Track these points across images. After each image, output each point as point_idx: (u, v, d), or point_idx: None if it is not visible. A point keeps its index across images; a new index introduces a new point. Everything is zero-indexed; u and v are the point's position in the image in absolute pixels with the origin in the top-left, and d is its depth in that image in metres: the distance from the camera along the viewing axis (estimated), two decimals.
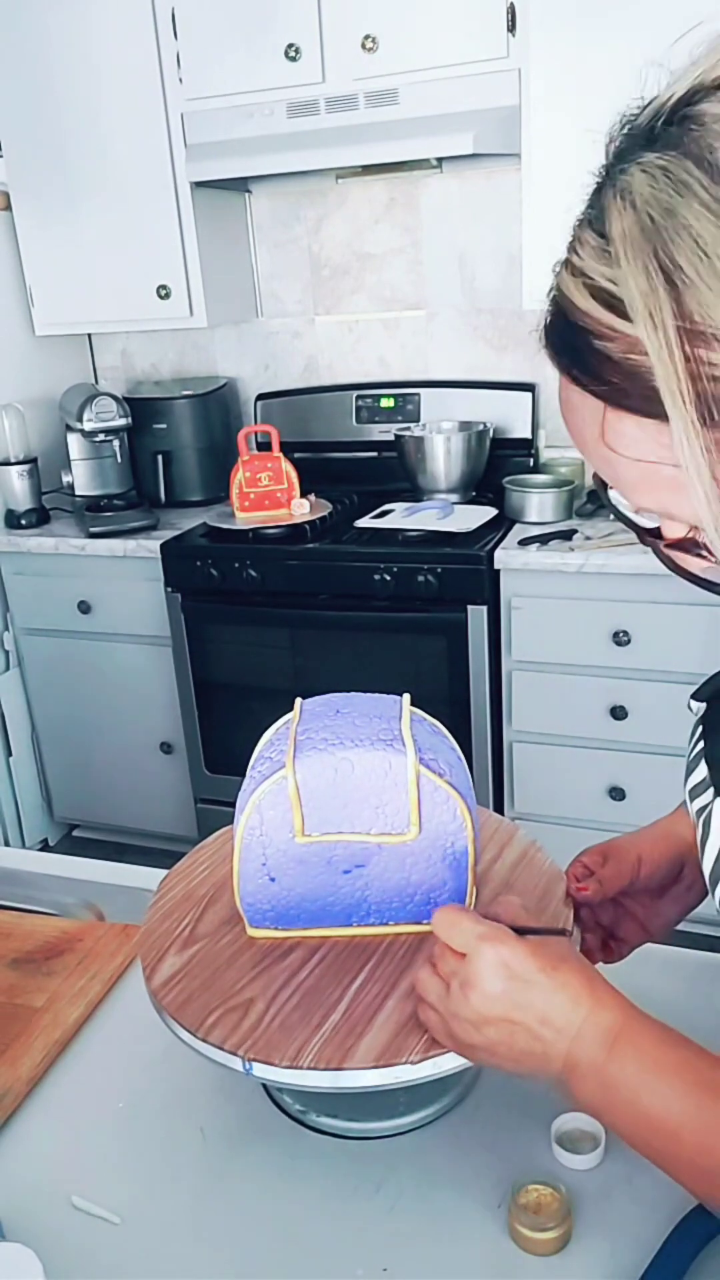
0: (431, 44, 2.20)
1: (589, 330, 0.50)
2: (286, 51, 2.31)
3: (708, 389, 0.45)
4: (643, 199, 0.47)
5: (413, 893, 0.78)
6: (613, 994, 0.64)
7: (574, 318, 0.51)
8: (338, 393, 2.86)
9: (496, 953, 0.64)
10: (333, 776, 0.74)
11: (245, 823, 0.75)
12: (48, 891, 1.12)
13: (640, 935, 0.85)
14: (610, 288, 0.48)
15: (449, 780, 0.75)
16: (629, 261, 0.47)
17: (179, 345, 3.09)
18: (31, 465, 2.76)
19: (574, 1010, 0.63)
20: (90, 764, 2.89)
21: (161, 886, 0.87)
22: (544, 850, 0.89)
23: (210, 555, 2.48)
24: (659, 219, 0.46)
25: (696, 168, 0.46)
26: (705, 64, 0.49)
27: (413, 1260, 0.68)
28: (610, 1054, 0.61)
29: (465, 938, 0.66)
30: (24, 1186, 0.76)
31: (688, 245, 0.45)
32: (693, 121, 0.48)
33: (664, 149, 0.48)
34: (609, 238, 0.49)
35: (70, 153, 2.60)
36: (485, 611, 2.29)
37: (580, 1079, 0.62)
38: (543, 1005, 0.63)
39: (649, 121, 0.50)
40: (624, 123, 0.52)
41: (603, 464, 0.54)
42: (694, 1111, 0.58)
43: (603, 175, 0.52)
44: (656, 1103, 0.60)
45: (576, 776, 2.37)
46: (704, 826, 0.68)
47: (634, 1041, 0.62)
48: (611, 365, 0.49)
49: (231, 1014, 0.72)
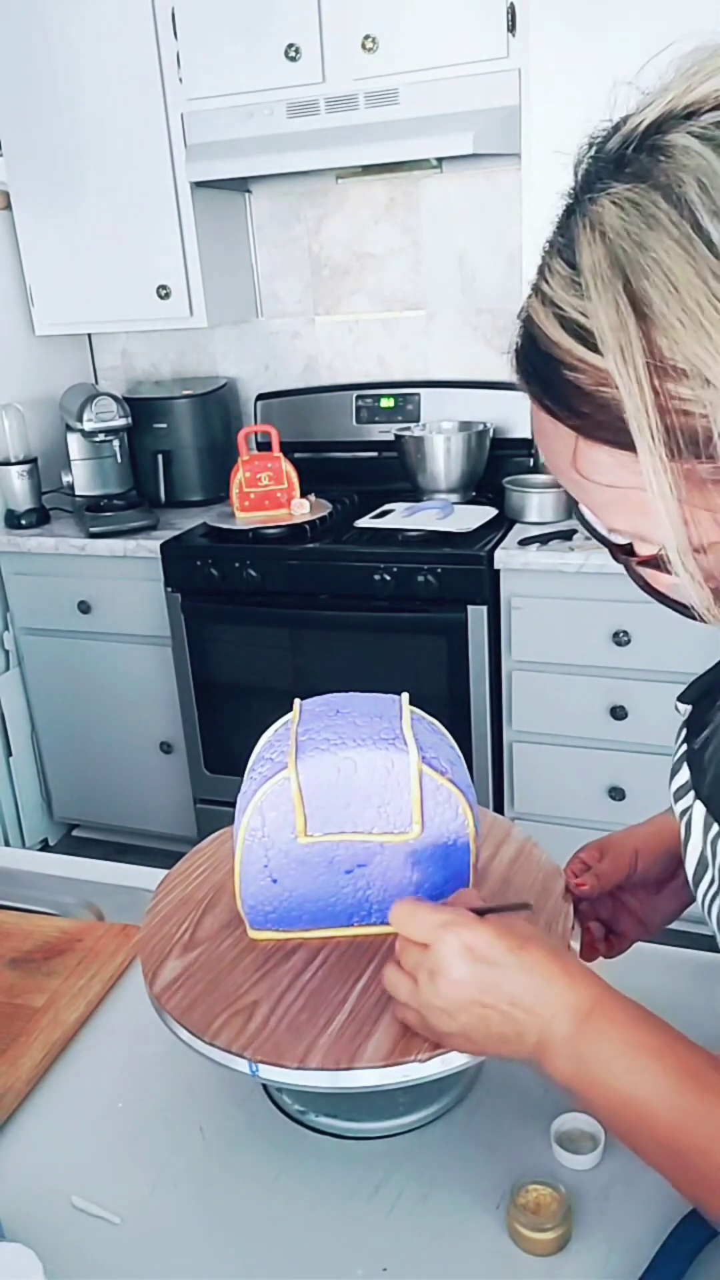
0: (431, 44, 2.20)
1: (560, 361, 0.51)
2: (286, 51, 2.31)
3: (676, 422, 0.46)
4: (613, 232, 0.47)
5: (414, 891, 0.78)
6: (584, 971, 0.64)
7: (545, 347, 0.51)
8: (338, 393, 2.86)
9: (459, 937, 0.64)
10: (335, 776, 0.74)
11: (247, 824, 0.75)
12: (48, 891, 1.12)
13: (638, 930, 0.85)
14: (580, 319, 0.49)
15: (450, 778, 0.75)
16: (599, 295, 0.47)
17: (179, 345, 3.09)
18: (31, 465, 2.76)
19: (545, 988, 0.63)
20: (90, 764, 2.89)
21: (158, 891, 0.87)
22: (540, 846, 0.90)
23: (210, 555, 2.48)
24: (629, 253, 0.46)
25: (665, 201, 0.46)
26: (675, 89, 0.49)
27: (412, 1260, 0.68)
28: (583, 1030, 0.61)
29: (426, 927, 0.66)
30: (24, 1186, 0.76)
31: (658, 280, 0.46)
32: (662, 152, 0.48)
33: (634, 179, 0.48)
34: (579, 269, 0.49)
35: (70, 153, 2.60)
36: (485, 611, 2.29)
37: (554, 1056, 0.62)
38: (512, 986, 0.63)
39: (619, 148, 0.50)
40: (593, 144, 0.52)
41: (576, 488, 0.55)
42: (669, 1094, 0.58)
43: (571, 199, 0.52)
44: (630, 1081, 0.60)
45: (576, 776, 2.37)
46: (686, 829, 0.69)
47: (609, 1018, 0.62)
48: (583, 396, 0.50)
49: (237, 1017, 0.72)
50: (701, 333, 0.45)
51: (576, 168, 0.53)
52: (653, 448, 0.46)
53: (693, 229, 0.45)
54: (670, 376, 0.46)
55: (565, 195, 0.53)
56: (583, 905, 0.82)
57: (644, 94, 0.50)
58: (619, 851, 0.83)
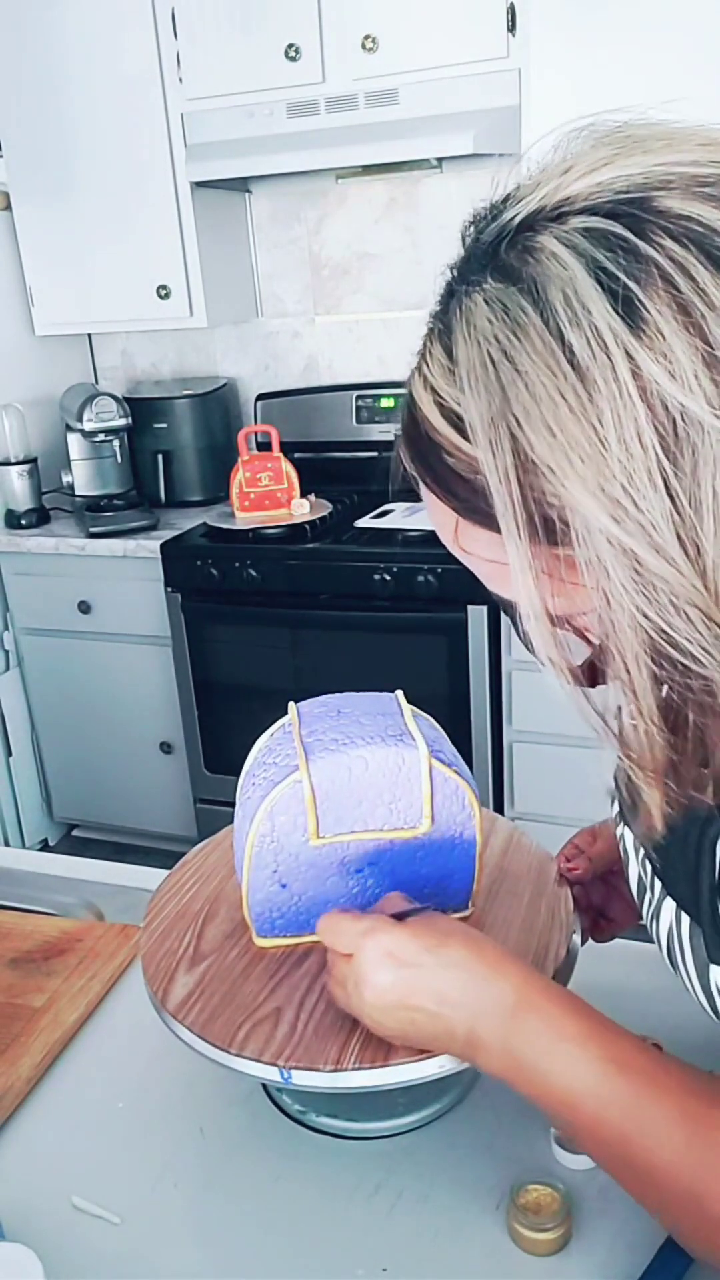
0: (431, 44, 2.20)
1: (439, 445, 0.53)
2: (286, 51, 2.31)
3: (538, 513, 0.48)
4: (484, 335, 0.49)
5: (422, 885, 0.78)
6: (508, 961, 0.64)
7: (425, 430, 0.54)
8: (338, 393, 2.86)
9: (379, 943, 0.65)
10: (347, 776, 0.74)
11: (256, 830, 0.75)
12: (48, 891, 1.12)
13: (630, 916, 0.85)
14: (456, 409, 0.51)
15: (456, 770, 0.76)
16: (471, 391, 0.50)
17: (179, 345, 3.09)
18: (31, 465, 2.76)
19: (469, 983, 0.63)
20: (90, 764, 2.89)
21: (150, 908, 0.85)
22: (529, 835, 0.90)
23: (210, 555, 2.48)
24: (498, 360, 0.48)
25: (532, 308, 0.47)
26: (549, 184, 0.49)
27: (412, 1260, 0.68)
28: (512, 1022, 0.61)
29: (348, 938, 0.67)
30: (24, 1186, 0.76)
31: (522, 392, 0.47)
32: (530, 254, 0.48)
33: (505, 279, 0.49)
34: (455, 360, 0.51)
35: (70, 153, 2.60)
36: (485, 611, 2.29)
37: (485, 1051, 0.62)
38: (437, 985, 0.63)
39: (494, 239, 0.51)
40: (476, 220, 0.53)
41: (461, 558, 0.58)
42: (594, 1083, 0.58)
43: (453, 278, 0.54)
44: (557, 1071, 0.59)
45: (576, 776, 2.37)
46: (624, 852, 0.72)
47: (534, 1007, 0.62)
48: (460, 481, 0.53)
49: (262, 1026, 0.71)
50: (558, 446, 0.46)
51: (463, 233, 0.54)
52: (516, 534, 0.49)
53: (556, 342, 0.46)
54: (534, 473, 0.48)
55: (449, 268, 0.54)
56: (575, 890, 0.83)
57: (525, 178, 0.51)
58: (611, 835, 0.83)
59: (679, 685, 0.49)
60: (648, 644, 0.48)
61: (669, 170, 0.47)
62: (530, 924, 0.80)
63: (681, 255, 0.45)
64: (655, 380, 0.45)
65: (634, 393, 0.45)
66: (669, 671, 0.49)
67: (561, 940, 0.77)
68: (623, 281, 0.45)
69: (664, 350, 0.45)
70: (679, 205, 0.46)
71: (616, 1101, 0.57)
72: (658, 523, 0.46)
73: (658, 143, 0.49)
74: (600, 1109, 0.58)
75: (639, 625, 0.48)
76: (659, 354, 0.45)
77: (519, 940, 0.78)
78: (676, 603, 0.47)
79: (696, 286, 0.45)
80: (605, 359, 0.45)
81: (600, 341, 0.45)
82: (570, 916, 0.80)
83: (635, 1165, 0.57)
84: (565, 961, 0.76)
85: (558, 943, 0.77)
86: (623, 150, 0.49)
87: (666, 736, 0.52)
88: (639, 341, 0.45)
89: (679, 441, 0.45)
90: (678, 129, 0.50)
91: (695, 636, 0.47)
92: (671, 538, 0.46)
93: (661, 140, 0.49)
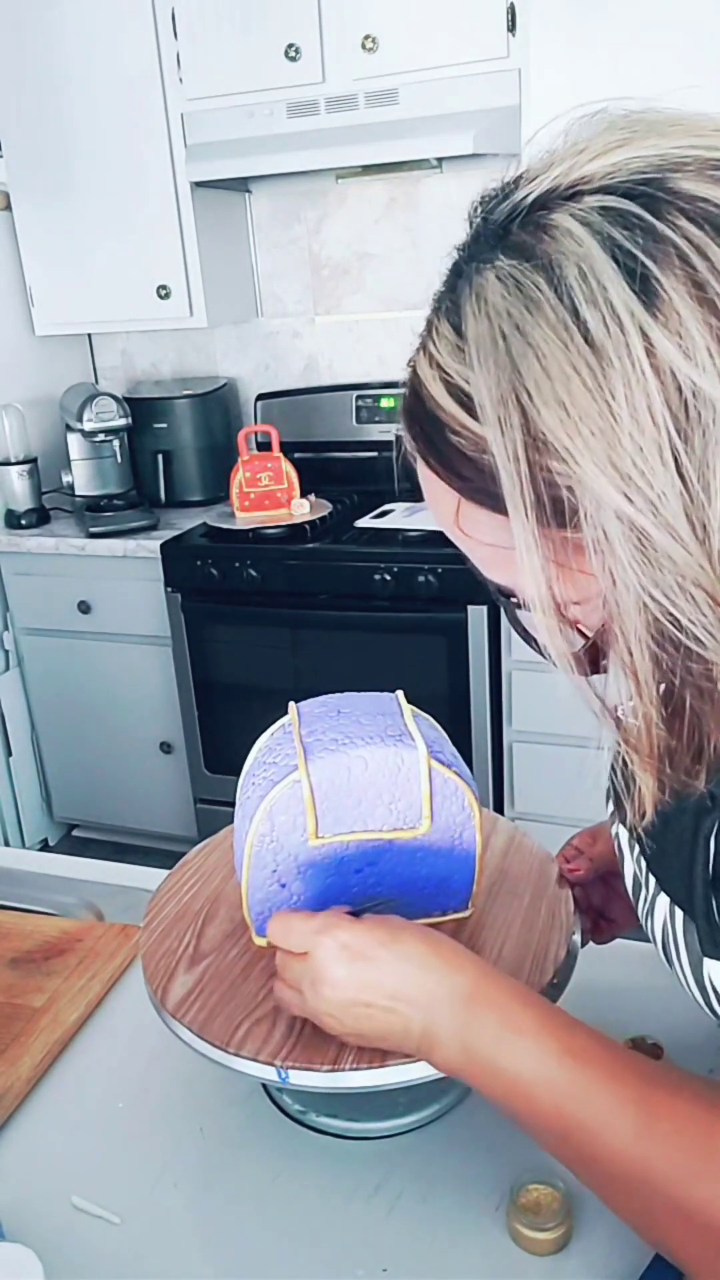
0: (431, 44, 2.20)
1: (445, 424, 0.52)
2: (286, 51, 2.31)
3: (546, 494, 0.48)
4: (495, 310, 0.49)
5: (422, 886, 0.78)
6: (462, 955, 0.64)
7: (430, 408, 0.53)
8: (338, 393, 2.86)
9: (334, 939, 0.65)
10: (346, 776, 0.74)
11: (255, 830, 0.75)
12: (48, 891, 1.12)
13: (630, 917, 0.85)
14: (464, 386, 0.51)
15: (456, 771, 0.76)
16: (481, 367, 0.49)
17: (179, 345, 3.09)
18: (31, 465, 2.76)
19: (424, 978, 0.63)
20: (90, 764, 2.89)
21: (150, 908, 0.85)
22: (530, 836, 0.90)
23: (210, 555, 2.48)
24: (509, 335, 0.48)
25: (546, 284, 0.47)
26: (561, 166, 0.50)
27: (412, 1260, 0.68)
28: (467, 1017, 0.61)
29: (301, 937, 0.66)
30: (24, 1186, 0.76)
31: (535, 366, 0.47)
32: (545, 231, 0.49)
33: (518, 255, 0.49)
34: (464, 337, 0.51)
35: (70, 153, 2.60)
36: (485, 611, 2.29)
37: (441, 1046, 0.62)
38: (391, 980, 0.63)
39: (505, 218, 0.51)
40: (484, 201, 0.53)
41: (459, 542, 0.58)
42: (548, 1074, 0.58)
43: (461, 257, 0.53)
44: (513, 1064, 0.59)
45: (576, 776, 2.36)
46: (619, 850, 0.72)
47: (491, 1002, 0.61)
48: (465, 460, 0.52)
49: (260, 1025, 0.71)
50: (570, 421, 0.46)
51: (470, 216, 0.54)
52: (524, 515, 0.49)
53: (571, 317, 0.46)
54: (544, 452, 0.47)
55: (456, 249, 0.54)
56: (575, 891, 0.83)
57: (536, 160, 0.51)
58: (611, 836, 0.83)
59: (680, 669, 0.49)
60: (652, 626, 0.48)
61: (684, 153, 0.48)
62: (530, 925, 0.80)
63: (698, 236, 0.46)
64: (669, 358, 0.45)
65: (648, 370, 0.45)
66: (671, 655, 0.49)
67: (561, 941, 0.77)
68: (640, 260, 0.45)
69: (679, 329, 0.45)
70: (694, 187, 0.47)
71: (574, 1093, 0.57)
72: (668, 500, 0.46)
73: (671, 127, 0.49)
74: (559, 1100, 0.58)
75: (644, 606, 0.48)
76: (674, 332, 0.45)
77: (519, 941, 0.78)
78: (683, 584, 0.47)
79: (712, 266, 0.45)
80: (620, 336, 0.45)
81: (616, 318, 0.45)
82: (570, 917, 0.80)
83: (596, 1158, 0.57)
84: (565, 962, 0.76)
85: (558, 943, 0.77)
86: (637, 133, 0.49)
87: (664, 720, 0.52)
88: (654, 320, 0.45)
89: (690, 420, 0.45)
90: (689, 115, 0.51)
91: (700, 619, 0.47)
92: (681, 516, 0.46)
93: (674, 125, 0.50)
